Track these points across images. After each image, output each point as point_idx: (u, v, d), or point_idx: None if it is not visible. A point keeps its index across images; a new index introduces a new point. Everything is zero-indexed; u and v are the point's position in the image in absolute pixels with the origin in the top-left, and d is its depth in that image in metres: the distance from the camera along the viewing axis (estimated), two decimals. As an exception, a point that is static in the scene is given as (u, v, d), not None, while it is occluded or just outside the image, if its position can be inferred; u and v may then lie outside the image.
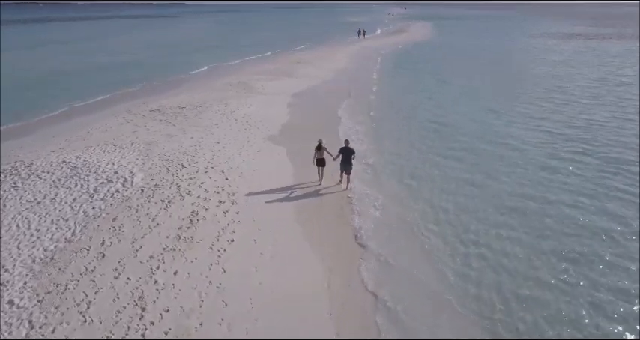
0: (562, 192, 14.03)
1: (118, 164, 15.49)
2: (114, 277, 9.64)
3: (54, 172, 14.62)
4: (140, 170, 15.10)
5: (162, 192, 13.58)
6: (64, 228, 11.39)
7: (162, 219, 12.10)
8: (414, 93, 28.75)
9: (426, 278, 10.04)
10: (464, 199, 13.69)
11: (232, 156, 16.90)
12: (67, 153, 16.50)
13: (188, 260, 10.37)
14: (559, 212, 12.83)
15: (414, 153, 17.66)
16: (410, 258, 10.80)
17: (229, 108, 23.71)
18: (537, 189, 14.22)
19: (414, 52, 52.26)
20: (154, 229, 11.56)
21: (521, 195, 13.90)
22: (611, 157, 16.77)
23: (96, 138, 18.80)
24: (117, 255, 10.41)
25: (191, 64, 41.95)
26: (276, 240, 11.39)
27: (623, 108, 23.66)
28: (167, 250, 10.69)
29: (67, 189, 13.53)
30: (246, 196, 13.65)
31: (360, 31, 68.57)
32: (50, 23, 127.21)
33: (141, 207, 12.62)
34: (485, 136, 19.20)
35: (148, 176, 14.69)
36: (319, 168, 14.46)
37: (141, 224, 11.79)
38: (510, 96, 26.79)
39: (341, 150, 14.08)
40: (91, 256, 10.36)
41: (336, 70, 37.04)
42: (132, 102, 26.02)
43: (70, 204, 12.58)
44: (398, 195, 14.04)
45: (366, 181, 15.06)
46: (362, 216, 12.71)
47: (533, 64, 40.66)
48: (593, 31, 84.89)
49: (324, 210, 13.21)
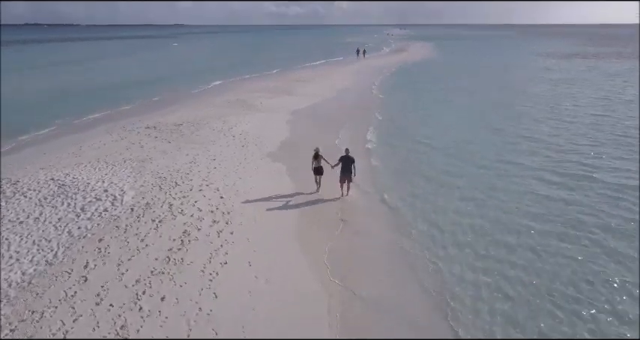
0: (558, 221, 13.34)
1: (109, 182, 14.83)
2: (95, 303, 8.87)
3: (40, 190, 13.96)
4: (131, 188, 14.44)
5: (153, 211, 12.89)
6: (46, 250, 10.66)
7: (152, 239, 11.37)
8: (414, 112, 28.23)
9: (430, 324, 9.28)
10: (465, 225, 13.00)
11: (228, 173, 16.26)
12: (56, 171, 15.87)
13: (177, 284, 9.62)
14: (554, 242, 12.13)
15: (413, 172, 17.05)
16: (411, 291, 10.05)
17: (227, 126, 23.19)
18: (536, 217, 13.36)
19: (414, 70, 52.19)
20: (142, 251, 10.83)
21: (517, 225, 13.21)
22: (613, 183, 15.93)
23: (88, 155, 18.20)
24: (100, 279, 9.66)
25: (189, 82, 41.79)
26: (273, 262, 10.66)
27: (627, 128, 22.86)
28: (155, 273, 9.94)
29: (53, 207, 12.84)
30: (241, 215, 12.94)
31: (358, 51, 68.80)
32: (53, 43, 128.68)
33: (129, 227, 11.91)
34: (486, 158, 18.25)
35: (139, 194, 14.02)
36: (317, 177, 14.66)
37: (129, 245, 11.06)
38: (511, 116, 25.96)
39: (341, 159, 14.15)
40: (72, 280, 9.61)
41: (336, 89, 36.68)
42: (128, 119, 25.52)
43: (54, 224, 11.87)
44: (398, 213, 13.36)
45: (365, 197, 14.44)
46: (361, 235, 12.04)
47: (533, 83, 40.31)
48: (591, 50, 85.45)
49: (323, 227, 12.55)
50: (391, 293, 9.62)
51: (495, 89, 37.35)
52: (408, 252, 11.31)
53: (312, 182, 15.01)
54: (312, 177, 14.88)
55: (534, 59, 66.21)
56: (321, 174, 14.54)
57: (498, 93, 34.82)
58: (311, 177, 14.97)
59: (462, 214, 13.33)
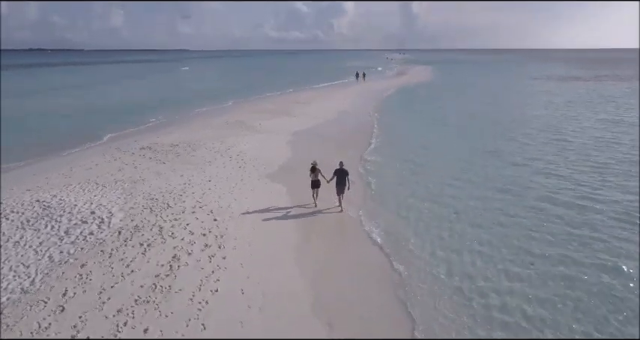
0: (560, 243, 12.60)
1: (97, 203, 14.12)
2: (71, 336, 8.05)
3: (24, 212, 13.23)
4: (120, 210, 13.72)
5: (141, 235, 12.14)
6: (23, 276, 9.87)
7: (139, 264, 10.60)
8: (413, 134, 27.64)
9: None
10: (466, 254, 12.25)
11: (223, 195, 15.57)
12: (42, 192, 15.18)
13: (162, 314, 8.81)
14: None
15: (408, 191, 16.40)
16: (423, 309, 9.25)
17: (224, 146, 22.63)
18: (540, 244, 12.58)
19: (413, 93, 51.99)
20: (127, 277, 10.04)
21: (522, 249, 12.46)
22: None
23: (78, 176, 17.54)
24: (79, 309, 8.85)
25: (188, 104, 41.55)
26: (267, 288, 9.86)
27: (629, 150, 22.11)
28: (139, 302, 9.13)
29: (35, 231, 12.10)
30: (235, 239, 12.19)
31: (358, 74, 68.93)
32: (56, 67, 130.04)
33: (115, 252, 11.14)
34: (488, 183, 17.42)
35: (128, 216, 13.29)
36: (314, 190, 14.81)
37: (113, 271, 10.28)
38: (511, 139, 25.18)
39: (336, 172, 14.33)
40: (47, 310, 8.80)
41: (336, 111, 36.28)
42: (123, 140, 24.99)
43: (34, 248, 11.11)
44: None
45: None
46: (361, 260, 11.27)
47: (533, 105, 39.87)
48: (590, 73, 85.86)
49: (322, 247, 11.92)
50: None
51: (495, 111, 36.88)
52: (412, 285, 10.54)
53: (309, 196, 15.03)
54: (310, 192, 14.94)
55: (533, 82, 66.26)
56: (318, 187, 14.74)
57: (498, 116, 34.20)
58: (309, 191, 14.99)
59: (457, 232, 12.63)
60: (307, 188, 15.04)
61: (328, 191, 14.87)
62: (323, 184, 14.73)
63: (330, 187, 14.68)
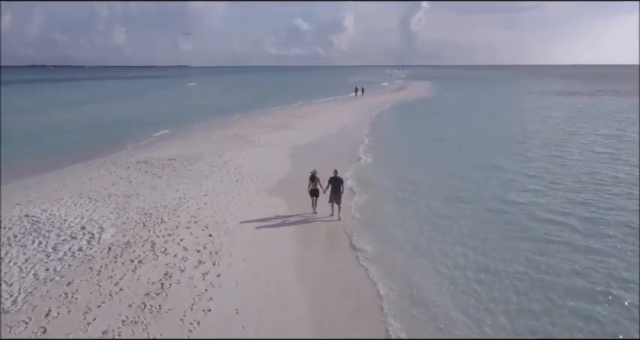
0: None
1: (88, 218, 13.64)
2: (51, 360, 7.52)
3: (11, 228, 12.74)
4: (112, 225, 13.23)
5: (133, 251, 11.63)
6: (5, 295, 9.34)
7: (128, 282, 10.07)
8: (412, 151, 27.15)
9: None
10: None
11: (219, 209, 15.09)
12: (33, 207, 14.70)
13: (151, 335, 8.28)
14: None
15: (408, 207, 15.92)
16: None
17: (222, 160, 22.22)
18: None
19: (413, 108, 51.79)
20: (116, 296, 9.51)
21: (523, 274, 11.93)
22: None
23: (71, 190, 17.08)
24: (61, 330, 8.31)
25: (189, 119, 41.32)
26: (264, 307, 9.34)
27: (632, 167, 21.51)
28: (127, 323, 8.60)
29: (21, 247, 11.59)
30: (230, 256, 11.68)
31: (357, 89, 68.90)
32: (58, 83, 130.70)
33: (104, 269, 10.63)
34: (490, 201, 16.61)
35: (120, 232, 12.80)
36: (313, 199, 14.92)
37: (100, 289, 9.75)
38: (513, 155, 24.56)
39: (330, 180, 14.47)
40: (28, 331, 8.27)
41: (335, 125, 35.98)
42: (118, 153, 24.59)
43: (19, 265, 10.60)
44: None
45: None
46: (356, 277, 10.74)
47: (533, 120, 39.55)
48: (589, 88, 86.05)
49: (322, 261, 11.45)
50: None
51: (494, 126, 36.48)
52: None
53: (308, 207, 15.15)
54: (309, 200, 15.07)
55: (533, 97, 66.16)
56: (317, 195, 14.86)
57: (497, 131, 33.76)
58: (307, 203, 15.12)
59: (450, 253, 12.11)
60: (305, 200, 15.19)
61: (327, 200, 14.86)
62: (322, 193, 14.85)
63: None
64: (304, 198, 15.31)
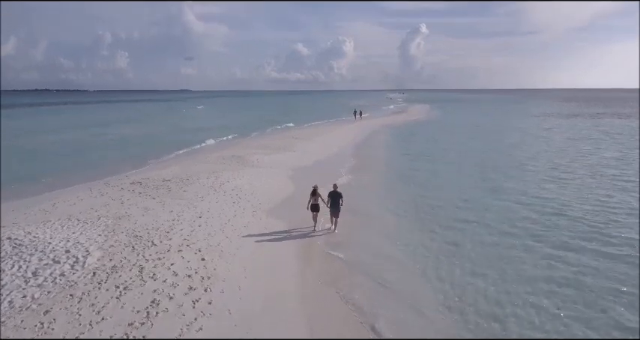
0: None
1: (74, 241, 12.88)
2: (17, 401, 6.69)
3: (-9, 251, 11.99)
4: (99, 248, 12.47)
5: (119, 276, 10.85)
6: (-26, 326, 8.54)
7: (111, 311, 9.27)
8: (413, 170, 26.71)
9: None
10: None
11: (214, 232, 14.36)
12: (17, 229, 13.95)
13: (132, 372, 7.46)
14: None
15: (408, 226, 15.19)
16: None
17: (219, 181, 21.57)
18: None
19: (411, 131, 50.83)
20: (96, 326, 8.70)
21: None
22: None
23: (60, 212, 16.36)
24: (33, 366, 7.51)
25: (184, 141, 40.88)
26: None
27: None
28: (106, 357, 7.79)
29: (-1, 271, 10.83)
30: (223, 281, 10.90)
31: (355, 112, 68.88)
32: (60, 106, 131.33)
33: (86, 296, 9.83)
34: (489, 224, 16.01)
35: (107, 255, 12.04)
36: (314, 214, 14.90)
37: (80, 318, 8.94)
38: (515, 176, 23.80)
39: (330, 195, 14.64)
40: (-5, 367, 7.47)
41: (334, 147, 35.57)
42: (114, 175, 23.95)
43: (-5, 292, 9.81)
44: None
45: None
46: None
47: (536, 142, 38.94)
48: (590, 111, 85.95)
49: (319, 289, 10.55)
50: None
51: (496, 149, 35.89)
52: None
53: (306, 226, 15.15)
54: (309, 214, 15.06)
55: (535, 120, 65.81)
56: (318, 210, 14.86)
57: (500, 153, 32.93)
58: (306, 222, 15.20)
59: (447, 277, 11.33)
60: (304, 220, 15.28)
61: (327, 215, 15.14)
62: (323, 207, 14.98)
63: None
64: (303, 217, 15.27)
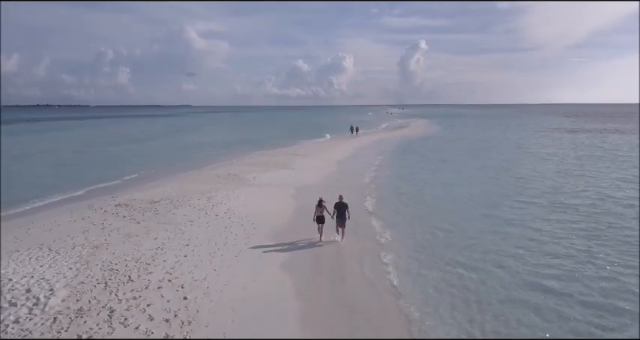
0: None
1: (39, 277, 11.32)
2: None
3: (-62, 291, 10.42)
4: (66, 285, 10.90)
5: (83, 322, 9.26)
6: None
7: (68, 370, 7.68)
8: (414, 192, 25.04)
9: None
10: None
11: (200, 263, 12.79)
12: (-23, 262, 12.40)
13: None
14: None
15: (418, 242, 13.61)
16: None
17: (211, 203, 20.05)
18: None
19: (412, 147, 49.03)
20: (45, 393, 7.11)
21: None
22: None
23: (32, 239, 14.80)
24: None
25: (179, 158, 39.58)
26: None
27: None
28: None
29: (-59, 318, 9.24)
30: (206, 327, 9.30)
31: (352, 128, 67.44)
32: (62, 121, 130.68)
33: (40, 350, 8.25)
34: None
35: (74, 295, 10.46)
36: (319, 226, 14.82)
37: (27, 382, 7.36)
38: (519, 198, 22.00)
39: (336, 205, 14.68)
40: None
41: (333, 163, 34.13)
42: (100, 196, 22.42)
43: None
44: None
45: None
46: None
47: (539, 160, 36.99)
48: (593, 126, 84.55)
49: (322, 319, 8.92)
50: None
51: (500, 167, 33.97)
52: None
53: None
54: (313, 217, 15.07)
55: (536, 135, 64.29)
56: (323, 222, 14.76)
57: (504, 172, 31.00)
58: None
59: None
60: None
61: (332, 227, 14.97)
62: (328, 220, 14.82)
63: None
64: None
